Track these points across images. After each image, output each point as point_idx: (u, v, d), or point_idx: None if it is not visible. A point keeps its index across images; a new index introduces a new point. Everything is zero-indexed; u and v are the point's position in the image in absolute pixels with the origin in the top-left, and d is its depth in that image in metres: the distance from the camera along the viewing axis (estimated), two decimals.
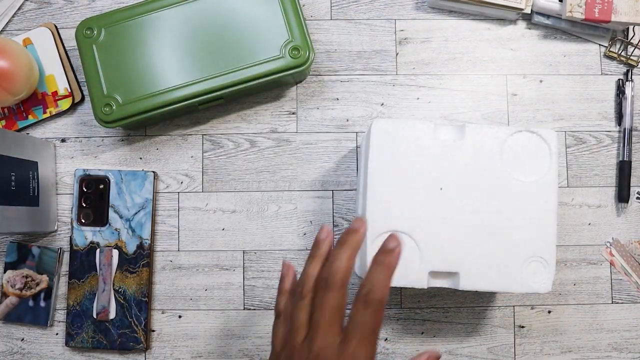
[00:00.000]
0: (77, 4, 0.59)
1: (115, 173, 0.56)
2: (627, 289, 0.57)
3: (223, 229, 0.57)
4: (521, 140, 0.46)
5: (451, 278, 0.46)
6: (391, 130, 0.46)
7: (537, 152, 0.46)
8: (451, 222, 0.45)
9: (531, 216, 0.45)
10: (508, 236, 0.45)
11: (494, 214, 0.45)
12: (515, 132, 0.46)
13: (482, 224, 0.45)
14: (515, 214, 0.45)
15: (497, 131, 0.46)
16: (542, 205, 0.46)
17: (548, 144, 0.46)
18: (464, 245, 0.45)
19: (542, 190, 0.46)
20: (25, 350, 0.56)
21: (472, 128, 0.46)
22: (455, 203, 0.46)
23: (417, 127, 0.46)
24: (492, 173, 0.46)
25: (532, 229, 0.45)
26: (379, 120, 0.46)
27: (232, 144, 0.58)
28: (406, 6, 0.59)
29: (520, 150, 0.46)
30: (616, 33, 0.59)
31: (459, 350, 0.56)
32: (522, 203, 0.46)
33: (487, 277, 0.45)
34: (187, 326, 0.56)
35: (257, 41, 0.53)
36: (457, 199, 0.46)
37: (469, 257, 0.45)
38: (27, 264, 0.55)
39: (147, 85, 0.53)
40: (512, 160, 0.46)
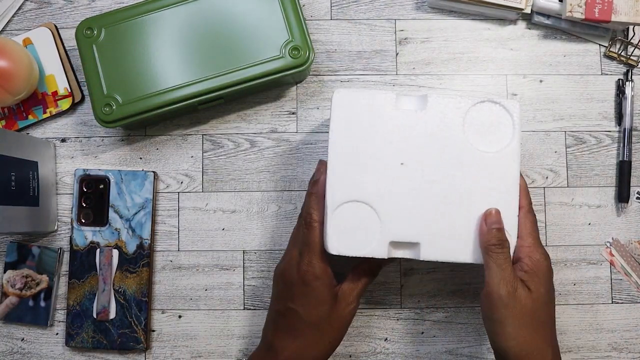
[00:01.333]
0: (77, 4, 0.59)
1: (115, 173, 0.56)
2: (627, 289, 0.57)
3: (223, 229, 0.57)
4: (484, 111, 0.46)
5: (412, 248, 0.46)
6: (352, 100, 0.46)
7: (500, 122, 0.46)
8: (412, 193, 0.45)
9: (493, 187, 0.45)
10: (470, 207, 0.45)
11: (455, 185, 0.45)
12: (478, 103, 0.46)
13: (444, 194, 0.45)
14: (477, 185, 0.45)
15: (459, 101, 0.46)
16: (505, 177, 0.45)
17: (511, 114, 0.46)
18: (425, 216, 0.45)
19: (505, 162, 0.46)
20: (25, 350, 0.56)
21: (434, 98, 0.46)
22: (417, 174, 0.45)
23: (378, 97, 0.46)
24: (455, 143, 0.46)
25: (494, 201, 0.45)
26: (340, 90, 0.46)
27: (232, 144, 0.58)
28: (406, 6, 0.60)
29: (483, 121, 0.46)
30: (616, 33, 0.59)
31: (459, 350, 0.56)
32: (485, 174, 0.45)
33: (447, 247, 0.45)
34: (187, 326, 0.56)
35: (257, 41, 0.53)
36: (419, 169, 0.45)
37: (430, 228, 0.45)
38: (27, 264, 0.55)
39: (147, 85, 0.53)
40: (475, 130, 0.46)
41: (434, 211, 0.45)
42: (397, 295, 0.57)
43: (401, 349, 0.56)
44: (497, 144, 0.46)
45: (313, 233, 0.45)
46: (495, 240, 0.44)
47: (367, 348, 0.56)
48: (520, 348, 0.43)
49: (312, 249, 0.45)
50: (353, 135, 0.46)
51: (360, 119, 0.46)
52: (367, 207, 0.45)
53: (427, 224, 0.45)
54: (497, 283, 0.43)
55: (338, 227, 0.45)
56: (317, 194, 0.46)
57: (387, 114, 0.46)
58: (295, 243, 0.48)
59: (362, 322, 0.56)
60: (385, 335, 0.56)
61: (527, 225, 0.46)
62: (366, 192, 0.45)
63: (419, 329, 0.56)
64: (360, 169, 0.45)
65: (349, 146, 0.46)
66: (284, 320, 0.47)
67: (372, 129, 0.46)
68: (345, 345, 0.56)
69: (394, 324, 0.56)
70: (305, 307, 0.46)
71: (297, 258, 0.46)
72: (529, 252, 0.45)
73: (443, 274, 0.57)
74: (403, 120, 0.46)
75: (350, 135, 0.46)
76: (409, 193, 0.45)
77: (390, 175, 0.45)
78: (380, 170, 0.45)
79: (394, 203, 0.45)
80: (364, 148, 0.46)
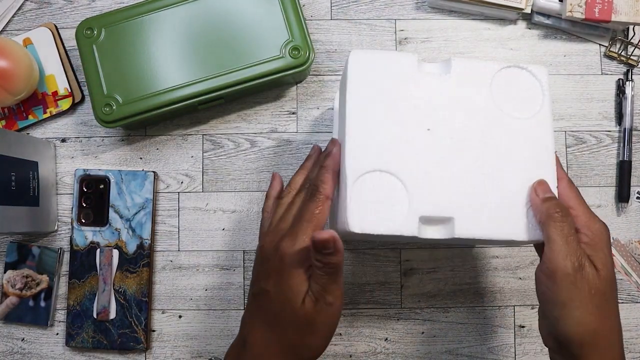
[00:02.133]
0: (77, 4, 0.59)
1: (115, 173, 0.56)
2: (627, 289, 0.57)
3: (223, 229, 0.57)
4: (511, 77, 0.43)
5: (445, 225, 0.41)
6: (370, 62, 0.42)
7: (528, 89, 0.43)
8: (441, 162, 0.40)
9: (528, 156, 0.41)
10: (505, 178, 0.41)
11: (487, 153, 0.41)
12: (504, 68, 0.43)
13: (476, 163, 0.41)
14: (511, 153, 0.41)
15: (485, 66, 0.43)
16: (539, 144, 0.42)
17: (539, 80, 0.43)
18: (458, 187, 0.40)
19: (537, 128, 0.42)
20: (25, 350, 0.56)
21: (458, 62, 0.43)
22: (445, 141, 0.41)
23: (398, 59, 0.42)
24: (483, 109, 0.42)
25: (531, 170, 0.41)
26: (356, 51, 0.42)
27: (232, 144, 0.58)
28: (406, 6, 0.60)
29: (510, 86, 0.43)
30: (616, 33, 0.59)
31: (459, 350, 0.56)
32: (518, 142, 0.42)
33: (485, 223, 0.40)
34: (187, 326, 0.56)
35: (257, 41, 0.53)
36: (447, 137, 0.41)
37: (465, 200, 0.40)
38: (27, 264, 0.55)
39: (147, 85, 0.53)
40: (503, 96, 0.43)
41: (467, 182, 0.40)
42: (397, 295, 0.57)
43: (401, 349, 0.56)
44: (527, 111, 0.42)
45: (315, 206, 0.39)
46: (557, 208, 0.38)
47: (367, 348, 0.56)
48: (587, 334, 0.37)
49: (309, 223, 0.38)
50: (372, 99, 0.41)
51: (379, 81, 0.41)
52: (392, 177, 0.40)
53: (460, 196, 0.40)
54: (562, 258, 0.37)
55: (360, 201, 0.39)
56: (329, 166, 0.41)
57: (409, 76, 0.42)
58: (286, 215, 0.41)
59: (362, 322, 0.56)
60: (385, 335, 0.56)
61: (574, 194, 0.41)
62: (391, 161, 0.40)
63: (419, 329, 0.56)
64: (382, 135, 0.40)
65: (368, 111, 0.41)
66: (257, 305, 0.41)
67: (393, 93, 0.41)
68: (345, 345, 0.56)
69: (394, 324, 0.56)
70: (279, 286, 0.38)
71: (284, 230, 0.40)
72: (587, 222, 0.39)
73: (443, 274, 0.57)
74: (427, 83, 0.42)
75: (370, 99, 0.41)
76: (437, 162, 0.40)
77: (416, 142, 0.40)
78: (404, 137, 0.40)
79: (422, 173, 0.40)
80: (385, 113, 0.41)
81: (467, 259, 0.57)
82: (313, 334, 0.38)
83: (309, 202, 0.39)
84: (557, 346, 0.39)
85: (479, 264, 0.57)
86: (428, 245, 0.57)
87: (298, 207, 0.41)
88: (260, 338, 0.39)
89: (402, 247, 0.57)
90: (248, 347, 0.40)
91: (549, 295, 0.38)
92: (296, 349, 0.39)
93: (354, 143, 0.40)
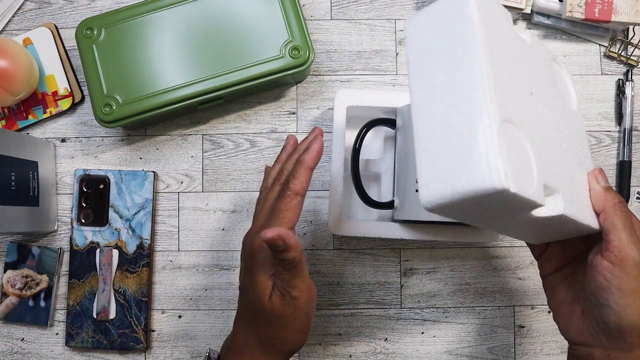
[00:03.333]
0: (77, 4, 0.59)
1: (115, 173, 0.56)
2: None
3: (223, 229, 0.57)
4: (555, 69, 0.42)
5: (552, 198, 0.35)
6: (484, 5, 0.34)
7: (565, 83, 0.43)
8: (547, 129, 0.36)
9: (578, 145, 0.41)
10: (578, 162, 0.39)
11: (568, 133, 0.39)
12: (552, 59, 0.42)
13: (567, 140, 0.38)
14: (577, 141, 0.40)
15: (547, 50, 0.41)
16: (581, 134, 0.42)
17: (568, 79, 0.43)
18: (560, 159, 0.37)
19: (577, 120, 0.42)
20: (25, 350, 0.56)
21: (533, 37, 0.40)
22: (545, 109, 0.37)
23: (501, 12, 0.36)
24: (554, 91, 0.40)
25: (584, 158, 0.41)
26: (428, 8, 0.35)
27: (232, 144, 0.58)
28: (406, 6, 0.59)
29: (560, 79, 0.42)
30: (616, 33, 0.59)
31: (459, 350, 0.56)
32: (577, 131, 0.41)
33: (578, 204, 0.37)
34: (187, 326, 0.56)
35: (257, 41, 0.53)
36: (545, 105, 0.38)
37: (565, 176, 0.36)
38: (27, 264, 0.55)
39: (147, 85, 0.53)
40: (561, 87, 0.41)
41: (564, 157, 0.37)
42: (397, 295, 0.57)
43: (401, 349, 0.56)
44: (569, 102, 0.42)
45: (284, 203, 0.39)
46: (619, 198, 0.38)
47: (367, 348, 0.56)
48: None
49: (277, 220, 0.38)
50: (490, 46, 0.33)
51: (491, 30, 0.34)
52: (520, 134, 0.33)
53: (562, 169, 0.36)
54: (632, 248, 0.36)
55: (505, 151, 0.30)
56: (306, 163, 0.39)
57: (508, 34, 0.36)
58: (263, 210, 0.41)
59: (362, 322, 0.56)
60: (385, 335, 0.56)
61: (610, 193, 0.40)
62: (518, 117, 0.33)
63: (419, 329, 0.56)
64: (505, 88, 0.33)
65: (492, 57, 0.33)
66: (240, 302, 0.42)
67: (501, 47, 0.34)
68: (346, 345, 0.56)
69: (394, 324, 0.56)
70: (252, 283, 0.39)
71: (258, 228, 0.40)
72: None
73: (443, 274, 0.57)
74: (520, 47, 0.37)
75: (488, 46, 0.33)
76: (545, 128, 0.36)
77: (527, 103, 0.35)
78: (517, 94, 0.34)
79: (540, 138, 0.35)
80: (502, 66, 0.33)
81: (467, 259, 0.57)
82: (285, 328, 0.39)
83: (280, 198, 0.39)
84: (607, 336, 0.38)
85: (479, 264, 0.57)
86: (428, 245, 0.57)
87: (270, 204, 0.41)
88: (242, 332, 0.41)
89: (402, 247, 0.57)
90: (234, 340, 0.42)
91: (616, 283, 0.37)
92: (273, 343, 0.40)
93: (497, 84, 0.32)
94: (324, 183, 0.57)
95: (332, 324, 0.56)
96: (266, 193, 0.43)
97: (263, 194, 0.44)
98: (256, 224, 0.41)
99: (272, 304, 0.38)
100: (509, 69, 0.34)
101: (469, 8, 0.33)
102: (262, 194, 0.44)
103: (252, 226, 0.42)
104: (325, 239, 0.57)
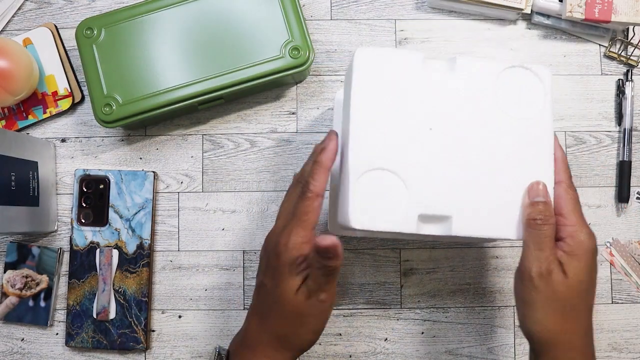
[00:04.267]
0: (77, 4, 0.59)
1: (115, 173, 0.56)
2: (627, 289, 0.57)
3: (223, 229, 0.57)
4: (515, 77, 0.43)
5: (442, 223, 0.42)
6: (376, 59, 0.42)
7: (530, 89, 0.43)
8: (442, 161, 0.41)
9: (527, 157, 0.42)
10: (504, 178, 0.42)
11: (488, 153, 0.42)
12: (509, 68, 0.43)
13: (476, 163, 0.42)
14: (510, 153, 0.42)
15: (489, 65, 0.43)
16: (538, 145, 0.42)
17: (542, 81, 0.44)
18: (457, 186, 0.41)
19: (538, 129, 0.43)
20: (25, 350, 0.56)
21: (463, 60, 0.43)
22: (446, 140, 0.42)
23: (404, 57, 0.42)
24: (485, 109, 0.42)
25: (529, 171, 0.42)
26: (362, 48, 0.42)
27: (232, 144, 0.58)
28: (406, 6, 0.60)
29: (513, 86, 0.43)
30: (616, 33, 0.59)
31: (459, 350, 0.56)
32: (517, 142, 0.42)
33: (482, 221, 0.41)
34: (187, 326, 0.56)
35: (257, 41, 0.53)
36: (448, 136, 0.42)
37: (462, 200, 0.41)
38: (27, 264, 0.55)
39: (147, 85, 0.53)
40: (506, 96, 0.43)
41: (466, 181, 0.41)
42: (397, 295, 0.57)
43: (401, 349, 0.56)
44: (528, 111, 0.43)
45: (305, 204, 0.40)
46: (537, 214, 0.40)
47: (367, 348, 0.56)
48: (547, 335, 0.40)
49: (300, 222, 0.39)
50: (376, 97, 0.41)
51: (384, 79, 0.42)
52: (393, 176, 0.41)
53: (459, 195, 0.41)
54: (531, 262, 0.40)
55: (362, 198, 0.40)
56: (322, 163, 0.41)
57: (414, 75, 0.42)
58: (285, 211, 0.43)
59: (362, 322, 0.56)
60: (385, 335, 0.56)
61: (569, 201, 0.42)
62: (392, 160, 0.41)
63: (419, 329, 0.56)
64: (385, 134, 0.41)
65: (372, 109, 0.41)
66: (256, 297, 0.43)
67: (398, 91, 0.42)
68: (346, 345, 0.56)
69: (394, 324, 0.56)
70: (274, 280, 0.40)
71: (281, 228, 0.41)
72: (573, 232, 0.40)
73: (443, 274, 0.57)
74: (431, 82, 0.42)
75: (374, 98, 0.41)
76: (438, 161, 0.41)
77: (418, 141, 0.41)
78: (407, 135, 0.41)
79: (422, 171, 0.41)
80: (388, 111, 0.41)
81: (467, 259, 0.57)
82: (302, 325, 0.41)
83: (300, 199, 0.40)
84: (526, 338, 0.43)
85: (479, 264, 0.57)
86: (428, 245, 0.57)
87: (291, 205, 0.41)
88: (255, 328, 0.42)
89: (402, 247, 0.57)
90: (244, 336, 0.43)
91: (517, 292, 0.42)
92: (286, 339, 0.41)
93: (357, 141, 0.41)
94: None
95: (332, 324, 0.56)
96: (287, 193, 0.44)
97: (287, 194, 0.44)
98: (278, 224, 0.42)
99: (297, 301, 0.39)
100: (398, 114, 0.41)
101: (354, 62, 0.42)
102: (287, 193, 0.44)
103: (275, 226, 0.43)
104: None
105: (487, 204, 0.41)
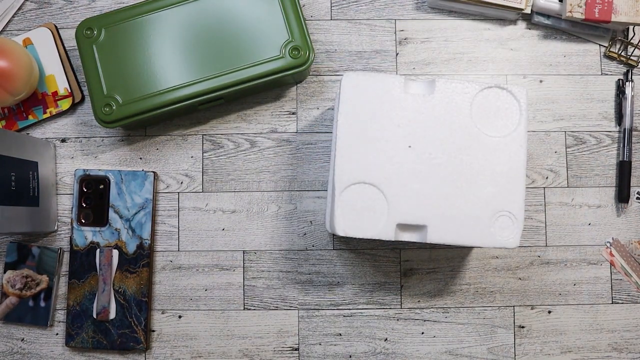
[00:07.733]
0: (77, 4, 0.59)
1: (115, 173, 0.56)
2: (627, 289, 0.57)
3: (223, 229, 0.57)
4: (491, 97, 0.47)
5: (419, 231, 0.47)
6: (361, 83, 0.47)
7: (507, 108, 0.47)
8: (419, 176, 0.46)
9: (500, 171, 0.46)
10: (477, 191, 0.46)
11: (463, 169, 0.46)
12: (486, 88, 0.47)
13: (451, 178, 0.46)
14: (484, 169, 0.46)
15: (467, 86, 0.47)
16: (511, 161, 0.46)
17: (518, 100, 0.47)
18: (433, 199, 0.46)
19: (511, 147, 0.46)
20: (25, 350, 0.56)
21: (442, 83, 0.47)
22: (424, 157, 0.46)
23: (386, 81, 0.47)
24: (462, 127, 0.47)
25: (501, 184, 0.46)
26: (349, 73, 0.47)
27: (232, 144, 0.58)
28: (406, 6, 0.60)
29: (490, 106, 0.47)
30: (616, 33, 0.59)
31: (459, 350, 0.56)
32: (491, 158, 0.46)
33: (455, 230, 0.46)
34: (187, 326, 0.56)
35: (257, 41, 0.53)
36: (426, 153, 0.46)
37: (437, 211, 0.46)
38: (27, 264, 0.55)
39: (147, 85, 0.53)
40: (482, 115, 0.47)
41: (441, 194, 0.46)
42: (397, 295, 0.57)
43: (401, 349, 0.56)
44: (504, 129, 0.47)
45: None
46: None
47: (367, 348, 0.56)
48: None
49: None
50: (361, 117, 0.47)
51: (368, 101, 0.47)
52: (374, 189, 0.46)
53: (433, 206, 0.46)
54: None
55: (346, 209, 0.46)
56: None
57: (396, 97, 0.47)
58: None
59: (362, 322, 0.56)
60: (385, 335, 0.56)
61: None
62: (374, 175, 0.46)
63: (419, 329, 0.56)
64: (368, 151, 0.46)
65: (356, 129, 0.46)
66: None
67: (380, 112, 0.47)
68: (346, 345, 0.56)
69: (394, 324, 0.56)
70: None
71: None
72: None
73: (443, 274, 0.57)
74: (411, 103, 0.47)
75: (358, 118, 0.47)
76: (416, 176, 0.46)
77: (397, 158, 0.46)
78: (387, 153, 0.46)
79: (401, 186, 0.46)
80: (371, 131, 0.46)
81: (467, 259, 0.57)
82: None
83: None
84: None
85: (479, 264, 0.57)
86: (428, 246, 0.57)
87: None
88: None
89: (402, 247, 0.57)
90: None
91: None
92: None
93: (342, 157, 0.46)
94: (323, 183, 0.57)
95: (332, 324, 0.56)
96: None
97: None
98: None
99: None
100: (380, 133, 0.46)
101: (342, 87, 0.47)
102: None
103: None
104: (325, 239, 0.57)
105: (460, 215, 0.46)
